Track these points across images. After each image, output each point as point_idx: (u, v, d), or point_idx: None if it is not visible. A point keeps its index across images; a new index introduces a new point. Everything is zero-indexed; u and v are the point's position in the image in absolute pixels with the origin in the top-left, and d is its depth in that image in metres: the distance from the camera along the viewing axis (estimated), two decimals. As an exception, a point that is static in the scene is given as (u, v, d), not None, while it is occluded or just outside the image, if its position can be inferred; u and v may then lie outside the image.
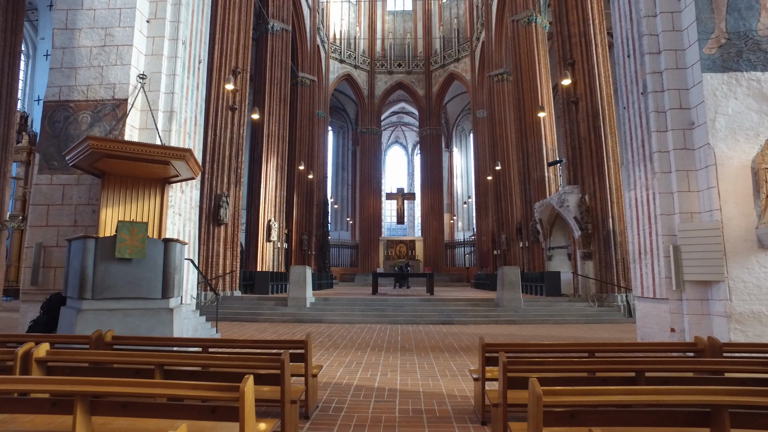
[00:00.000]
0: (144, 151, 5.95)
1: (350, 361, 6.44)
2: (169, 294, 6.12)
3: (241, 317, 11.34)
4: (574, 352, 3.93)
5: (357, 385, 5.08)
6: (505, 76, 23.92)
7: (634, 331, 9.72)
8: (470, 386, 4.98)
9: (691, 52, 7.04)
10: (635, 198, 8.01)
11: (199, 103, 9.04)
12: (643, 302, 7.86)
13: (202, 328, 7.75)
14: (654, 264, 7.41)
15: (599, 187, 12.46)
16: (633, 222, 8.08)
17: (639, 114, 7.83)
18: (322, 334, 9.16)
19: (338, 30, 33.13)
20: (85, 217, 7.15)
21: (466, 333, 9.47)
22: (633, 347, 3.94)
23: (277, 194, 18.73)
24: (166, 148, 6.17)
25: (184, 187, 8.31)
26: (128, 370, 3.23)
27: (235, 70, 13.83)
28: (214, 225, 13.02)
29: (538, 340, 8.47)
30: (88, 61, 7.44)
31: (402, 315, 11.48)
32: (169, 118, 7.88)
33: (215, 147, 13.31)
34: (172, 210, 7.82)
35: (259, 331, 9.61)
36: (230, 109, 13.62)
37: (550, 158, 17.71)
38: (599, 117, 12.69)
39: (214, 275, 12.82)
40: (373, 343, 8.03)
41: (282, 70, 19.61)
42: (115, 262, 5.84)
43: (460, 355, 6.95)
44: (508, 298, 11.58)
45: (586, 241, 12.30)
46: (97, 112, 7.35)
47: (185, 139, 8.33)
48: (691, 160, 7.05)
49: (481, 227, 28.82)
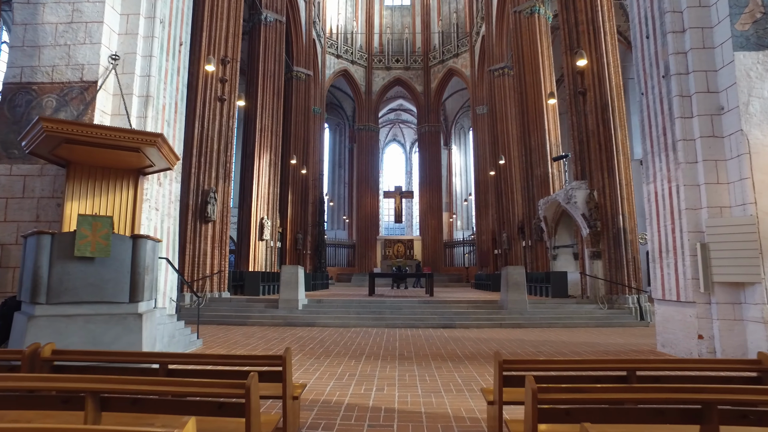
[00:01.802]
0: (107, 135, 5.24)
1: (342, 372, 5.75)
2: (137, 297, 5.42)
3: (229, 320, 10.63)
4: (607, 369, 3.25)
5: (349, 403, 4.39)
6: (506, 70, 23.26)
7: (649, 335, 9.07)
8: (479, 405, 4.30)
9: (720, 30, 6.37)
10: (655, 191, 7.34)
11: (181, 89, 8.34)
12: (664, 305, 7.19)
13: (181, 335, 7.04)
14: (678, 264, 6.74)
15: (608, 183, 11.80)
16: (652, 217, 7.41)
17: (659, 99, 7.15)
18: (313, 340, 8.47)
19: (335, 24, 32.41)
20: (48, 212, 6.44)
21: (469, 338, 8.79)
22: (679, 365, 3.26)
23: (270, 191, 18.01)
24: (133, 132, 5.46)
25: (162, 179, 7.61)
26: (51, 399, 2.53)
27: (224, 59, 13.11)
28: (201, 222, 12.30)
29: (548, 346, 7.79)
30: (54, 39, 6.73)
31: (400, 318, 10.79)
32: (144, 104, 7.17)
33: (203, 140, 12.59)
34: (147, 204, 7.12)
35: (246, 336, 8.91)
36: (219, 100, 12.90)
37: (554, 154, 17.06)
38: (608, 108, 12.02)
39: (201, 275, 12.11)
40: (369, 351, 7.34)
41: (276, 62, 18.90)
42: (75, 262, 5.14)
43: (465, 364, 6.26)
44: (513, 299, 10.91)
45: (595, 239, 11.64)
46: (64, 95, 6.64)
47: (163, 126, 7.62)
48: (720, 149, 6.38)
49: (481, 226, 28.15)
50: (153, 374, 3.28)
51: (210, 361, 3.40)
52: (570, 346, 7.73)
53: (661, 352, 7.12)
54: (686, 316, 6.50)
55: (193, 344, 7.39)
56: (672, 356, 6.71)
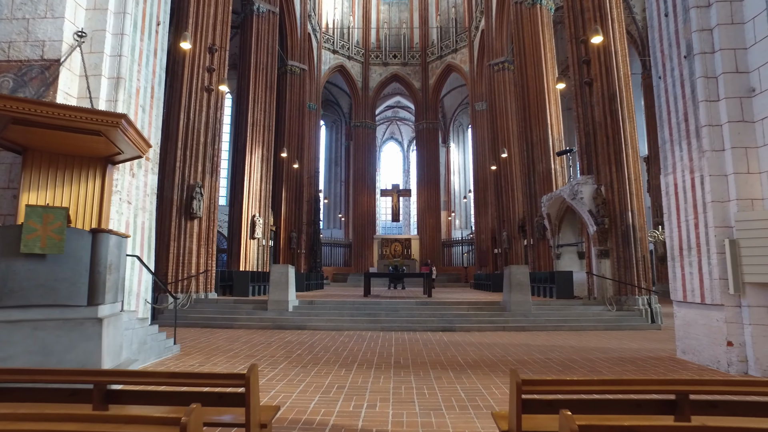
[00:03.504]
0: (61, 115, 4.58)
1: (330, 384, 5.11)
2: (97, 299, 4.77)
3: (214, 323, 9.97)
4: (651, 392, 2.62)
5: (335, 424, 3.75)
6: (506, 64, 22.65)
7: (664, 340, 8.45)
8: (488, 426, 3.67)
9: (751, 2, 5.75)
10: (675, 183, 6.71)
11: (158, 73, 7.68)
12: (685, 308, 6.57)
13: (154, 341, 6.38)
14: (702, 262, 6.12)
15: (617, 177, 11.18)
16: (671, 212, 6.79)
17: (680, 82, 6.52)
18: (302, 345, 7.82)
19: (331, 19, 31.74)
20: (3, 204, 5.78)
21: (470, 342, 8.16)
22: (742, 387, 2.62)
23: (262, 188, 17.34)
24: (91, 112, 4.80)
25: (135, 169, 6.95)
26: None
27: (212, 47, 12.43)
28: (187, 219, 11.62)
29: (557, 352, 7.16)
30: (10, 11, 6.06)
31: (396, 321, 10.15)
32: (115, 86, 6.52)
33: (188, 132, 11.91)
34: (118, 197, 6.47)
35: (231, 340, 8.26)
36: (206, 90, 12.23)
37: (556, 149, 16.44)
38: (616, 99, 11.41)
39: (186, 275, 11.43)
40: (362, 357, 6.70)
41: (268, 54, 18.23)
42: (23, 260, 4.49)
43: (468, 374, 5.63)
44: (517, 301, 10.28)
45: (603, 237, 11.02)
46: (22, 74, 5.98)
47: (137, 112, 6.96)
48: (750, 135, 5.76)
49: (480, 225, 27.52)
50: (85, 398, 2.63)
51: (159, 381, 2.75)
52: (581, 352, 7.11)
53: (682, 359, 6.50)
54: (712, 321, 5.88)
55: (168, 350, 6.73)
56: (696, 364, 6.09)
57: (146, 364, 5.99)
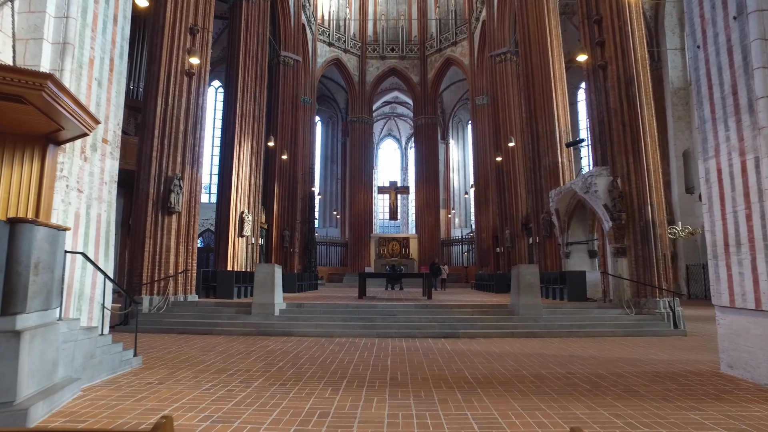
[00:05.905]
0: (-38, 72, 3.59)
1: (311, 410, 4.13)
2: (15, 308, 3.79)
3: (192, 329, 8.98)
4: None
5: (307, 478, 2.77)
6: (509, 55, 21.72)
7: (697, 349, 7.49)
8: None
9: (821, -54, 4.77)
10: (718, 168, 5.75)
11: (120, 43, 6.69)
12: (733, 315, 5.60)
13: (105, 354, 5.38)
14: (757, 261, 5.15)
15: (634, 169, 10.23)
16: (714, 202, 5.82)
17: (727, 49, 5.56)
18: (286, 355, 6.84)
19: (327, 10, 30.75)
20: None
21: (477, 352, 7.19)
22: None
23: (251, 182, 16.35)
24: (3, 70, 3.80)
25: (89, 153, 5.96)
26: None
27: (193, 28, 11.43)
28: (164, 214, 10.61)
29: (578, 365, 6.20)
30: (-71, -41, 5.06)
31: (394, 326, 9.18)
32: (61, 53, 5.52)
33: (166, 119, 10.90)
34: (64, 183, 5.48)
35: (206, 349, 7.27)
36: (186, 74, 11.22)
37: (564, 141, 15.49)
38: (633, 83, 10.46)
39: (162, 275, 10.43)
40: (353, 372, 5.73)
41: (259, 42, 17.23)
42: None
43: (478, 395, 4.66)
44: (526, 304, 9.32)
45: (619, 234, 10.07)
46: (-57, 35, 4.98)
47: (91, 86, 5.97)
48: (819, 107, 4.77)
49: (481, 223, 26.56)
50: None
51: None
52: (606, 365, 6.15)
53: (729, 374, 5.54)
54: (770, 330, 4.92)
55: (125, 364, 5.73)
56: (750, 383, 5.13)
57: (93, 382, 5.00)
